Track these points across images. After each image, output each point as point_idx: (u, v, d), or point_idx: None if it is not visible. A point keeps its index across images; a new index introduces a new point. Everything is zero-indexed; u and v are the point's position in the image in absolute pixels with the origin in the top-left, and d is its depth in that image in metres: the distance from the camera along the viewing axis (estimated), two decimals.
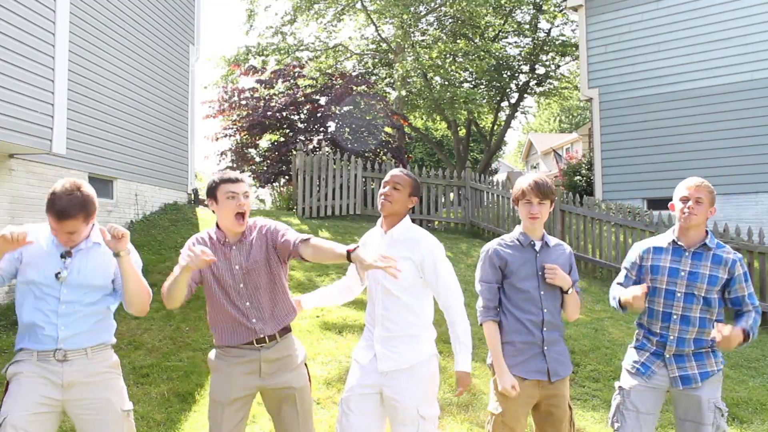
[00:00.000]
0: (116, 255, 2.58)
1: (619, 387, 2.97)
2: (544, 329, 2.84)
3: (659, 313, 2.89)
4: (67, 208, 2.50)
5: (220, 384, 2.79)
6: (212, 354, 2.90)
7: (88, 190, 2.58)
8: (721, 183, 11.05)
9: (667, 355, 2.85)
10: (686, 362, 2.83)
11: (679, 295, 2.85)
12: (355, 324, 6.03)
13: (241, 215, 2.76)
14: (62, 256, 2.62)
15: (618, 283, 3.07)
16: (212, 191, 2.80)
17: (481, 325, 2.92)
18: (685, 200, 2.86)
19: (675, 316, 2.85)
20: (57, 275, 2.58)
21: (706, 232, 2.90)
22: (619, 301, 2.95)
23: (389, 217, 2.88)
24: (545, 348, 2.83)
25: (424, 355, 2.81)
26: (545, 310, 2.84)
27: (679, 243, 2.91)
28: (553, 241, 2.99)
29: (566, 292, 2.87)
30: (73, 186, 2.55)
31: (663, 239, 2.98)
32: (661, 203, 10.72)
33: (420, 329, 2.84)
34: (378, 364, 2.79)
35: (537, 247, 2.91)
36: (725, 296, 2.89)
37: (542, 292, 2.85)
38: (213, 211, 2.86)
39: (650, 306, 2.92)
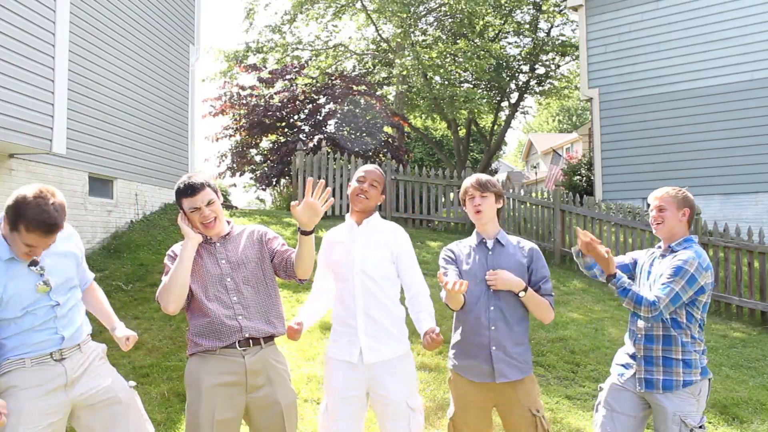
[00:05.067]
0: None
1: (600, 386, 2.98)
2: (492, 328, 2.72)
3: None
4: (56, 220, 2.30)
5: (201, 403, 2.50)
6: (188, 367, 2.63)
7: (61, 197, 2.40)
8: (721, 183, 11.06)
9: (638, 354, 2.79)
10: (653, 365, 2.73)
11: None
12: None
13: (207, 224, 2.63)
14: (31, 265, 2.42)
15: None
16: (178, 203, 2.64)
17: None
18: (652, 211, 2.87)
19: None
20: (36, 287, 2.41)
21: (688, 238, 2.80)
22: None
23: (362, 212, 2.87)
24: (492, 348, 2.71)
25: (404, 348, 2.82)
26: (491, 308, 2.74)
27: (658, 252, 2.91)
28: (513, 240, 2.88)
29: (518, 295, 2.73)
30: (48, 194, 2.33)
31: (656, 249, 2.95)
32: None
33: (398, 320, 2.84)
34: (365, 356, 2.72)
35: (489, 245, 2.84)
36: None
37: (492, 290, 2.75)
38: None
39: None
